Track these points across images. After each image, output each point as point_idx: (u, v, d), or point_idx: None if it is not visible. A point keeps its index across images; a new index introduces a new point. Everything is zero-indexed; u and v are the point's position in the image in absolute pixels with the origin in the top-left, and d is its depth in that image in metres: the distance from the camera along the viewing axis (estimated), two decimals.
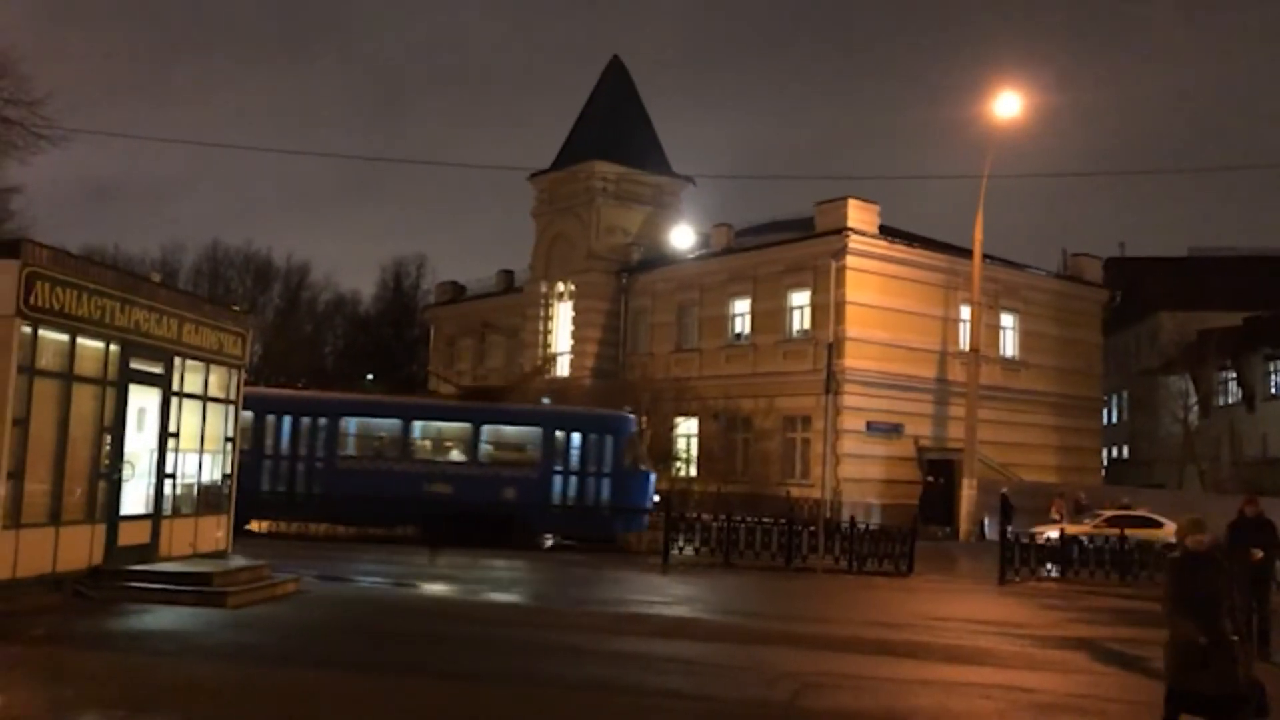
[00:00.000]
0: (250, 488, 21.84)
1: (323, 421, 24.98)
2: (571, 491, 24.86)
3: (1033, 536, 24.45)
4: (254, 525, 24.73)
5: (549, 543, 26.24)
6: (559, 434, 25.12)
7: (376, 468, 24.75)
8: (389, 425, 25.67)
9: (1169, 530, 26.99)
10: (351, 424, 25.62)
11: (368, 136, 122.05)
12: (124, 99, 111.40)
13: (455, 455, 25.34)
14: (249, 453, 22.81)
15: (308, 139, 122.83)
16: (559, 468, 24.88)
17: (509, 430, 25.83)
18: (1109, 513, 28.97)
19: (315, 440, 24.86)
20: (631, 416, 27.16)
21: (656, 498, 27.32)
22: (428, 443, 25.73)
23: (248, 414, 24.51)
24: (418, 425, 25.50)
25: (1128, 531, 23.86)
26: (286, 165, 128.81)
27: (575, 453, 25.02)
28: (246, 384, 17.46)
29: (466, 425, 25.31)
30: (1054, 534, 25.53)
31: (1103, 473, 47.11)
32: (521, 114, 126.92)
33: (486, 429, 25.37)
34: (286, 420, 24.90)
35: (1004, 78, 60.15)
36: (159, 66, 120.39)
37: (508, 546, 23.40)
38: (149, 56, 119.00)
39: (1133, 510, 29.07)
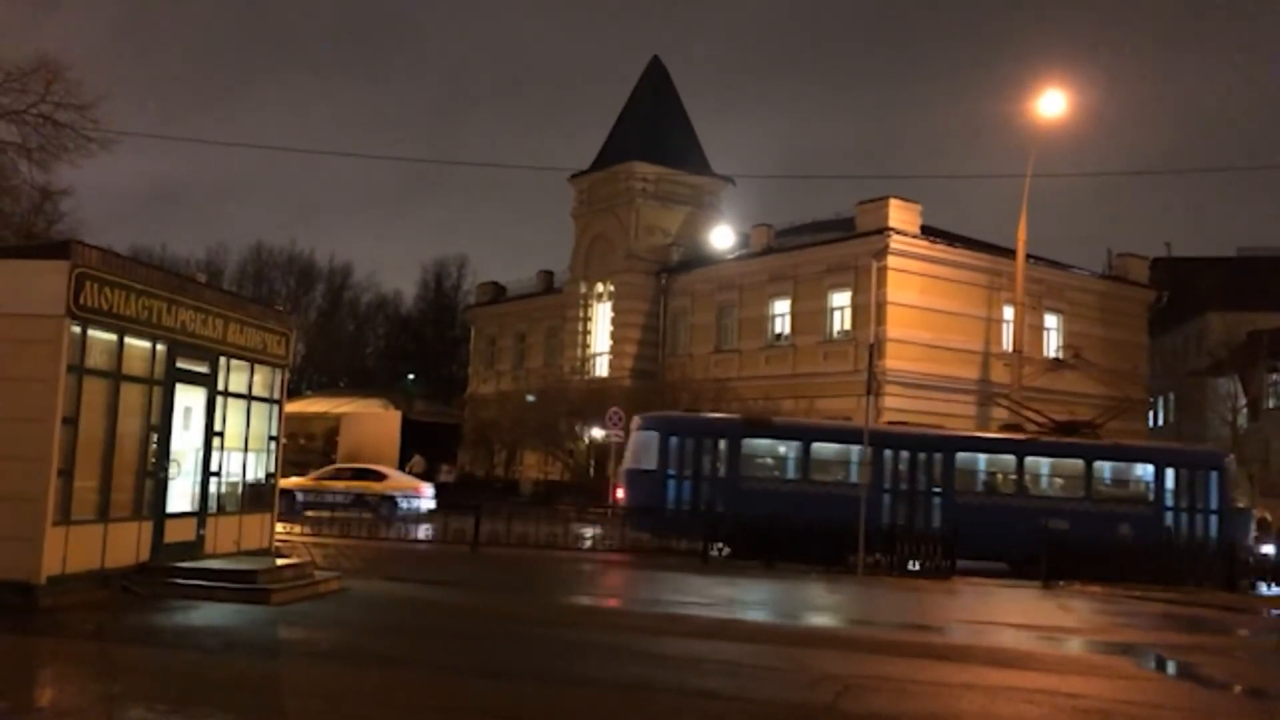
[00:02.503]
0: (869, 519, 21.83)
1: (938, 456, 25.02)
2: (1183, 529, 24.70)
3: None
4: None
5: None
6: (1169, 470, 25.11)
7: (992, 502, 24.80)
8: (1003, 461, 25.57)
9: (391, 483, 29.04)
10: (966, 459, 25.57)
11: (418, 142, 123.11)
12: (195, 104, 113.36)
13: (1070, 491, 25.17)
14: (871, 487, 22.66)
15: (362, 145, 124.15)
16: (1169, 504, 24.85)
17: (1121, 466, 25.90)
18: (333, 467, 30.77)
19: (931, 474, 24.91)
20: (1229, 454, 26.82)
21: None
22: (1041, 479, 25.52)
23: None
24: (1030, 461, 25.23)
25: (349, 485, 25.57)
26: (333, 170, 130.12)
27: (1185, 489, 24.98)
28: (290, 384, 17.61)
29: (1079, 461, 25.19)
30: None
31: None
32: (569, 116, 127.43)
33: (1098, 465, 25.39)
34: (904, 455, 24.96)
35: (1050, 75, 59.48)
36: (227, 74, 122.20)
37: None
38: (218, 63, 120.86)
39: (363, 464, 30.81)
